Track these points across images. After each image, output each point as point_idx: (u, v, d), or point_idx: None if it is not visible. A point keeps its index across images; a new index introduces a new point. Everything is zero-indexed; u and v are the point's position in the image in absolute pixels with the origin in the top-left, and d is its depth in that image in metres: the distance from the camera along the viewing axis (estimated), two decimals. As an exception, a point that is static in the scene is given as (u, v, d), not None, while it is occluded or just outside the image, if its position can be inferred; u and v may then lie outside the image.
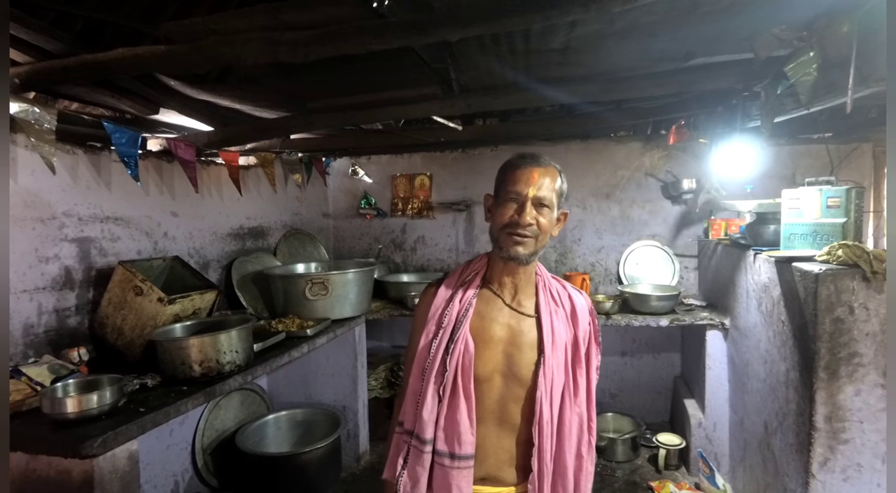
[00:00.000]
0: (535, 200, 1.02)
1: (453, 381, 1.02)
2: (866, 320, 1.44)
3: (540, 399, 1.02)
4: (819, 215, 1.76)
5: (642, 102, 2.15)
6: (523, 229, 1.01)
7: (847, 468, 1.48)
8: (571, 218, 3.22)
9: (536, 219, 1.02)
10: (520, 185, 1.02)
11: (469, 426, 1.01)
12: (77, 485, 1.24)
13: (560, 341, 1.06)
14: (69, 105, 1.86)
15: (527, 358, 1.04)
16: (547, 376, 1.03)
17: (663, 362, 3.14)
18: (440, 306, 1.08)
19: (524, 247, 1.02)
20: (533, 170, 1.03)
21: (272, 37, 1.18)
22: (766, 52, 1.32)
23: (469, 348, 1.03)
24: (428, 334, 1.06)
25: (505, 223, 1.03)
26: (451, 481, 1.00)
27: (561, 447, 1.04)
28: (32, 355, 1.65)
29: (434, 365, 1.03)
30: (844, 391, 1.47)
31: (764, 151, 2.67)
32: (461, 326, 1.04)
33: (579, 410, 1.07)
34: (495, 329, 1.06)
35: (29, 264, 1.66)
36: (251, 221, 2.73)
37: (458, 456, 1.01)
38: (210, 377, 1.60)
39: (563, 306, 1.11)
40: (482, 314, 1.06)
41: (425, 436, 1.02)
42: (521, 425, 1.05)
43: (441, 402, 1.02)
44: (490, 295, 1.09)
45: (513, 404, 1.05)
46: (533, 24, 1.14)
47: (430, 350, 1.04)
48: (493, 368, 1.05)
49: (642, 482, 2.48)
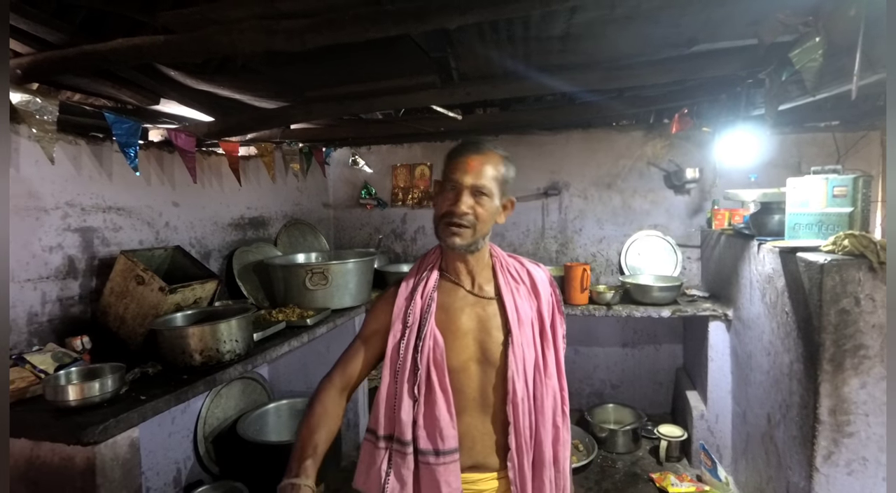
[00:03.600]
0: (473, 189, 1.00)
1: (427, 378, 1.01)
2: (872, 312, 1.42)
3: (512, 378, 1.02)
4: (825, 205, 1.74)
5: (644, 91, 2.12)
6: (459, 219, 1.00)
7: (852, 461, 1.47)
8: (573, 208, 3.20)
9: (473, 208, 1.00)
10: (457, 173, 1.01)
11: (450, 419, 1.01)
12: (80, 471, 1.26)
13: (525, 318, 1.06)
14: (71, 96, 1.87)
15: (496, 341, 1.05)
16: (517, 355, 1.03)
17: (665, 354, 3.13)
18: (402, 306, 1.07)
19: (461, 238, 1.01)
20: (470, 158, 1.02)
21: (269, 25, 1.17)
22: (770, 37, 1.30)
23: (439, 343, 1.02)
24: (395, 334, 1.05)
25: (443, 212, 1.02)
26: (438, 477, 1.00)
27: (537, 423, 1.05)
28: (36, 343, 1.67)
29: (406, 365, 1.02)
30: (849, 384, 1.45)
31: (769, 139, 2.63)
32: (427, 321, 1.03)
33: (551, 382, 1.08)
34: (462, 319, 1.06)
35: (32, 254, 1.68)
36: (252, 211, 2.73)
37: (442, 452, 1.00)
38: (210, 366, 1.61)
39: (524, 282, 1.11)
40: (446, 306, 1.06)
41: (405, 438, 1.01)
42: (499, 407, 1.05)
43: (417, 401, 1.01)
44: (450, 285, 1.09)
45: (490, 389, 1.05)
46: (532, 10, 1.13)
47: (399, 351, 1.04)
48: (466, 357, 1.05)
49: (643, 474, 2.49)
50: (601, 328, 3.17)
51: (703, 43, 1.44)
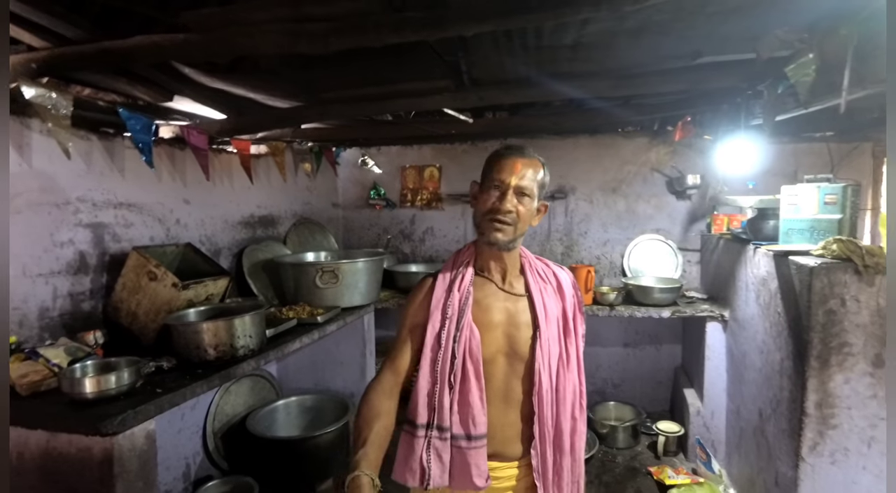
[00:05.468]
0: (517, 189, 1.07)
1: (463, 367, 1.07)
2: (857, 312, 1.50)
3: (538, 371, 1.08)
4: (816, 211, 1.82)
5: (650, 99, 2.17)
6: (503, 216, 1.06)
7: (835, 451, 1.55)
8: (578, 212, 3.26)
9: (516, 207, 1.07)
10: (503, 173, 1.07)
11: (481, 407, 1.07)
12: (97, 462, 1.28)
13: (552, 315, 1.13)
14: (81, 90, 1.87)
15: (524, 335, 1.11)
16: (544, 349, 1.09)
17: (665, 354, 3.21)
18: (441, 298, 1.12)
19: (503, 233, 1.07)
20: (517, 160, 1.08)
21: (293, 28, 1.20)
22: (768, 52, 1.35)
23: (475, 334, 1.08)
24: (435, 325, 1.10)
25: (487, 209, 1.08)
26: (469, 460, 1.05)
27: (558, 413, 1.11)
28: (48, 337, 1.68)
29: (447, 355, 1.07)
30: (834, 379, 1.53)
31: (767, 148, 2.71)
32: (464, 314, 1.08)
33: (572, 376, 1.15)
34: (494, 313, 1.12)
35: (44, 249, 1.69)
36: (262, 209, 2.75)
37: (473, 437, 1.06)
38: (224, 361, 1.63)
39: (550, 282, 1.18)
40: (480, 300, 1.12)
41: (445, 424, 1.06)
42: (523, 398, 1.11)
43: (453, 389, 1.06)
44: (483, 281, 1.15)
45: (515, 381, 1.11)
46: (546, 21, 1.17)
47: (440, 341, 1.09)
48: (496, 349, 1.11)
49: (641, 468, 2.56)
50: (604, 329, 3.23)
51: (708, 55, 1.50)
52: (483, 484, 1.06)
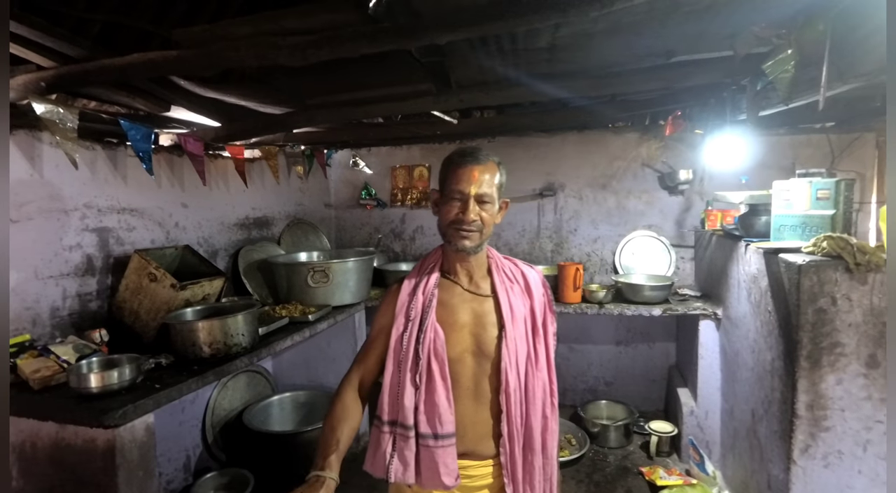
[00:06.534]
0: (478, 198, 1.09)
1: (428, 367, 1.10)
2: (849, 311, 1.46)
3: (505, 369, 1.10)
4: (808, 207, 1.78)
5: (635, 95, 2.18)
6: (468, 226, 1.09)
7: (828, 454, 1.51)
8: (568, 208, 3.26)
9: (479, 214, 1.09)
10: (462, 184, 1.09)
11: (448, 406, 1.09)
12: (101, 452, 1.37)
13: (518, 314, 1.15)
14: (87, 103, 1.97)
15: (490, 335, 1.13)
16: (510, 348, 1.11)
17: (658, 352, 3.19)
18: (405, 301, 1.16)
19: (470, 240, 1.10)
20: (473, 168, 1.09)
21: (274, 42, 1.25)
22: (745, 50, 1.36)
23: (439, 335, 1.11)
24: (398, 328, 1.14)
25: (451, 220, 1.10)
26: (437, 459, 1.08)
27: (528, 412, 1.13)
28: (59, 335, 1.79)
29: (408, 355, 1.11)
30: (826, 380, 1.49)
31: (761, 141, 2.67)
32: (428, 315, 1.12)
33: (542, 375, 1.16)
34: (460, 314, 1.14)
35: (54, 252, 1.79)
36: (256, 211, 2.84)
37: (440, 435, 1.09)
38: (218, 358, 1.71)
39: (518, 282, 1.20)
40: (445, 302, 1.15)
41: (408, 422, 1.10)
42: (492, 396, 1.13)
43: (418, 389, 1.10)
44: (449, 283, 1.18)
45: (484, 380, 1.13)
46: (517, 28, 1.21)
47: (402, 342, 1.13)
48: (462, 348, 1.13)
49: (633, 468, 2.55)
50: (595, 327, 3.22)
51: (682, 55, 1.51)
52: (452, 483, 1.09)
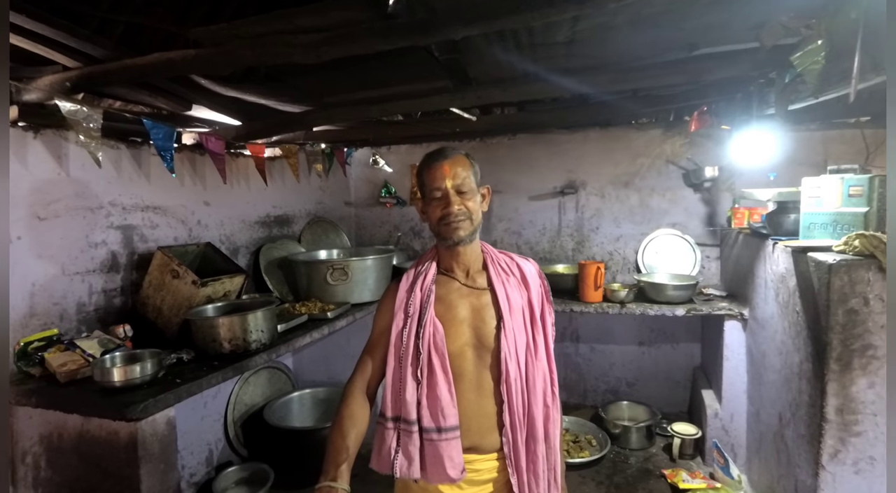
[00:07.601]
0: (456, 189, 1.12)
1: (428, 362, 1.11)
2: (882, 312, 1.40)
3: (505, 359, 1.11)
4: (840, 204, 1.71)
5: (658, 90, 2.12)
6: (456, 217, 1.11)
7: (859, 460, 1.47)
8: (589, 206, 3.21)
9: (462, 204, 1.12)
10: (437, 181, 1.12)
11: (450, 399, 1.10)
12: (124, 445, 1.41)
13: (516, 306, 1.16)
14: (112, 103, 2.03)
15: (489, 327, 1.14)
16: (509, 338, 1.12)
17: (682, 353, 3.11)
18: (403, 298, 1.18)
19: (463, 229, 1.12)
20: (443, 164, 1.13)
21: (288, 40, 1.26)
22: (771, 41, 1.30)
23: (438, 329, 1.12)
24: (398, 324, 1.16)
25: (439, 217, 1.13)
26: (441, 452, 1.09)
27: (529, 401, 1.14)
28: (84, 330, 1.84)
29: (409, 350, 1.12)
30: (857, 384, 1.44)
31: (791, 136, 2.57)
32: (426, 311, 1.13)
33: (541, 365, 1.17)
34: (458, 308, 1.16)
35: (81, 249, 1.85)
36: (277, 209, 2.87)
37: (444, 429, 1.09)
38: (238, 354, 1.74)
39: (514, 274, 1.21)
40: (443, 298, 1.16)
41: (411, 417, 1.11)
42: (494, 388, 1.14)
43: (420, 383, 1.11)
44: (446, 279, 1.19)
45: (485, 372, 1.14)
46: (533, 21, 1.18)
47: (402, 339, 1.14)
48: (462, 342, 1.14)
49: (655, 470, 2.51)
50: (617, 327, 3.17)
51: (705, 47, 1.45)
52: (458, 476, 1.09)
